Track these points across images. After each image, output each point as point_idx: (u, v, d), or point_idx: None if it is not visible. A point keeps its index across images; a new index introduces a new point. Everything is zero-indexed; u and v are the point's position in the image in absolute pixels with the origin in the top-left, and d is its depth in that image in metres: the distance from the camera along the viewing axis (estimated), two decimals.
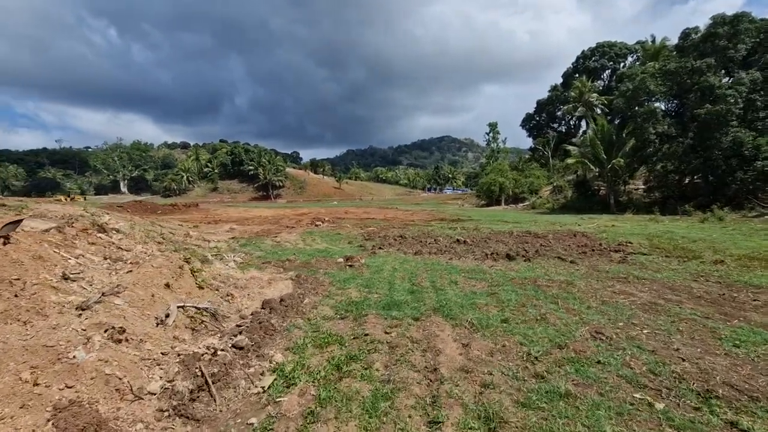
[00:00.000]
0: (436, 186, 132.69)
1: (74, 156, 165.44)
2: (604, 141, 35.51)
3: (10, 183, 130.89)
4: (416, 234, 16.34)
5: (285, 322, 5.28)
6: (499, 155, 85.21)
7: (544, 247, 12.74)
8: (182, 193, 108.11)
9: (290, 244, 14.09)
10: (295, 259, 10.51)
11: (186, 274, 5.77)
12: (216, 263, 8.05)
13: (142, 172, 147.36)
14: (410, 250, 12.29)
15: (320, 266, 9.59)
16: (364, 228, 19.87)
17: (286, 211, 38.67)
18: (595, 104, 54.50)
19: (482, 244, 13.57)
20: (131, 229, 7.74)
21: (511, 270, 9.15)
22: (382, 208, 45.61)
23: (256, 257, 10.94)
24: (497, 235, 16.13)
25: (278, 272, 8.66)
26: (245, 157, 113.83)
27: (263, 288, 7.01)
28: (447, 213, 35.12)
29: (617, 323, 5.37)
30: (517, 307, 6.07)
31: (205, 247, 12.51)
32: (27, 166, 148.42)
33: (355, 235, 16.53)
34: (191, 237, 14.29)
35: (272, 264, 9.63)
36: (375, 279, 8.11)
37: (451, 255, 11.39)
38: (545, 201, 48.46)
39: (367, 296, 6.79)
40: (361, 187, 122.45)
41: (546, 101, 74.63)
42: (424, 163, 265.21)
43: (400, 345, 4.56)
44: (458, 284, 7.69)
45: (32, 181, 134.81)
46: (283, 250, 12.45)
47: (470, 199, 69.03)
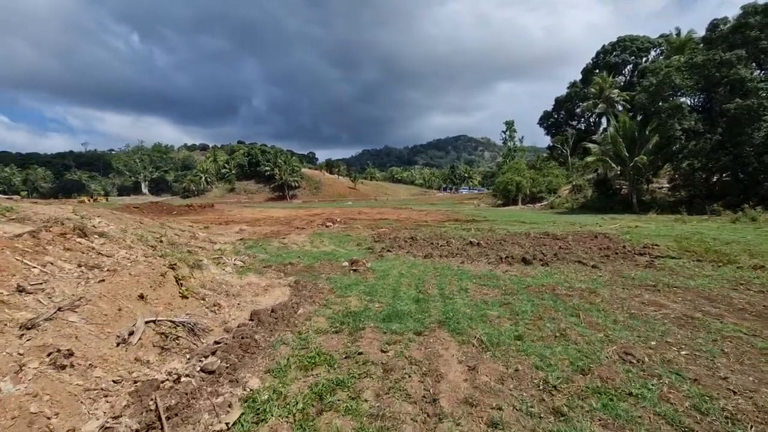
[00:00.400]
0: (451, 186, 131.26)
1: (99, 158, 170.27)
2: (626, 138, 34.11)
3: (39, 185, 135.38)
4: (428, 235, 15.71)
5: (272, 336, 4.77)
6: (516, 154, 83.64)
7: (563, 250, 11.97)
8: (201, 194, 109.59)
9: (297, 246, 13.66)
10: (298, 262, 10.04)
11: (169, 282, 5.34)
12: (212, 268, 7.63)
13: (162, 174, 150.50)
14: (420, 253, 11.69)
15: (323, 271, 9.08)
16: (375, 229, 19.34)
17: (300, 212, 38.47)
18: (616, 100, 52.72)
19: (497, 246, 12.87)
20: (122, 233, 7.39)
21: (527, 276, 8.46)
22: (396, 209, 45.03)
23: (259, 260, 10.52)
24: (513, 236, 15.37)
25: (278, 277, 8.19)
26: (262, 158, 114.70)
27: (257, 296, 6.54)
28: (462, 213, 34.32)
29: (649, 342, 4.67)
30: (532, 321, 5.42)
31: (210, 249, 12.18)
32: (55, 168, 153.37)
33: (365, 237, 16.01)
34: (197, 239, 14.00)
35: (273, 268, 9.17)
36: (379, 285, 7.55)
37: (463, 258, 10.75)
38: (564, 200, 47.08)
39: (367, 305, 6.23)
40: (376, 187, 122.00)
41: (564, 98, 72.78)
42: (440, 163, 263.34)
43: (397, 367, 3.99)
44: (469, 292, 7.06)
45: (59, 183, 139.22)
46: (288, 253, 12.01)
47: (486, 199, 67.83)
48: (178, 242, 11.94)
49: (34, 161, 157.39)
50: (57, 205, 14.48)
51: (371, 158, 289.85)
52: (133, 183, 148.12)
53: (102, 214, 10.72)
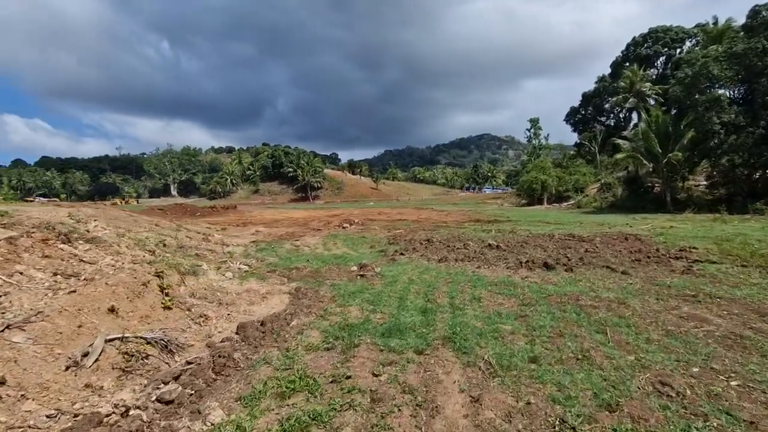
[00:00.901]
0: (474, 185, 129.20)
1: (131, 162, 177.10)
2: (659, 133, 32.29)
3: (77, 188, 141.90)
4: (445, 237, 15.06)
5: (255, 354, 4.33)
6: (541, 152, 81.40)
7: (589, 254, 11.12)
8: (226, 195, 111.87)
9: (309, 248, 13.30)
10: (305, 267, 9.63)
11: (151, 292, 4.99)
12: (210, 274, 7.31)
13: (191, 176, 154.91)
14: (435, 257, 11.08)
15: (329, 276, 8.62)
16: (391, 230, 18.83)
17: (319, 213, 38.36)
18: (647, 94, 50.33)
19: (517, 249, 12.12)
20: (117, 238, 7.15)
21: (549, 283, 7.75)
22: (417, 209, 44.36)
23: (267, 264, 10.18)
24: (536, 238, 14.54)
25: (280, 283, 7.79)
26: (285, 159, 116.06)
27: (253, 304, 6.15)
28: (484, 213, 33.36)
29: (690, 368, 3.96)
30: (551, 338, 4.76)
31: (220, 252, 11.96)
32: (91, 172, 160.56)
33: (380, 239, 15.52)
34: (210, 241, 13.85)
35: (277, 273, 8.78)
36: (385, 293, 7.02)
37: (479, 263, 10.08)
38: (592, 200, 45.24)
39: (368, 317, 5.71)
40: (398, 188, 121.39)
41: (592, 93, 70.31)
42: (463, 162, 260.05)
43: (387, 397, 3.45)
44: (482, 301, 6.44)
45: (95, 186, 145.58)
46: (298, 256, 11.65)
47: (510, 199, 66.14)
48: (188, 245, 11.77)
49: (72, 165, 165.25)
50: (67, 207, 14.67)
51: (393, 158, 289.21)
52: (163, 185, 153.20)
53: (101, 216, 10.63)
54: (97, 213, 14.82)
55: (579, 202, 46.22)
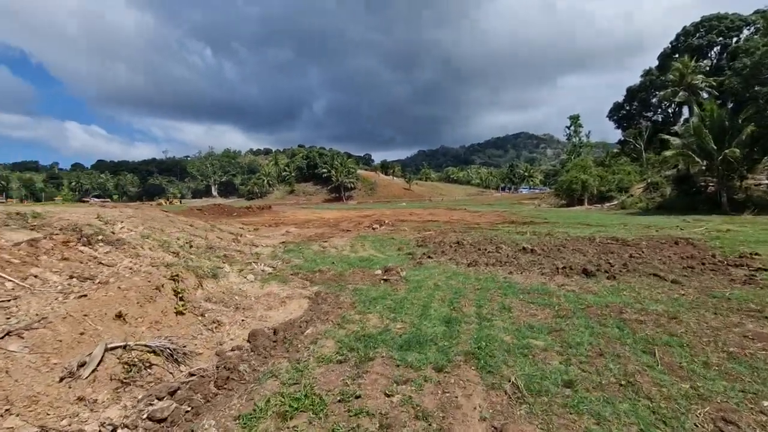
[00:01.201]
0: (510, 185, 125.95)
1: (176, 164, 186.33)
2: (714, 128, 29.94)
3: (127, 189, 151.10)
4: (476, 240, 14.46)
5: (264, 365, 4.09)
6: (581, 150, 78.04)
7: (635, 260, 10.25)
8: (263, 196, 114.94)
9: (336, 250, 13.12)
10: (328, 270, 9.40)
11: (165, 296, 4.89)
12: (231, 277, 7.22)
13: (230, 177, 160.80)
14: (464, 260, 10.58)
15: (352, 280, 8.35)
16: (421, 232, 18.40)
17: (351, 213, 38.42)
18: (700, 87, 46.97)
19: (554, 253, 11.38)
20: (141, 239, 7.20)
21: (588, 292, 7.10)
22: (449, 209, 43.57)
23: (292, 266, 10.05)
24: (574, 242, 13.67)
25: (302, 287, 7.59)
26: (319, 160, 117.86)
27: (270, 309, 5.95)
28: (519, 214, 32.19)
29: (759, 401, 3.34)
30: (590, 358, 4.22)
31: (248, 253, 12.00)
32: (140, 174, 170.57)
33: (409, 241, 15.13)
34: (239, 242, 13.98)
35: (300, 276, 8.60)
36: (408, 300, 6.65)
37: (512, 268, 9.49)
38: (637, 200, 42.73)
39: (388, 326, 5.36)
40: (431, 188, 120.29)
41: (638, 88, 66.73)
42: (498, 162, 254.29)
43: (397, 423, 3.08)
44: (512, 312, 5.93)
45: (144, 188, 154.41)
46: (324, 258, 11.47)
47: (548, 199, 63.76)
48: (218, 246, 11.88)
49: (123, 168, 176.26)
50: (111, 207, 15.30)
51: (427, 159, 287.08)
52: (205, 186, 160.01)
53: (137, 217, 10.88)
54: (135, 213, 15.34)
55: (623, 202, 43.77)
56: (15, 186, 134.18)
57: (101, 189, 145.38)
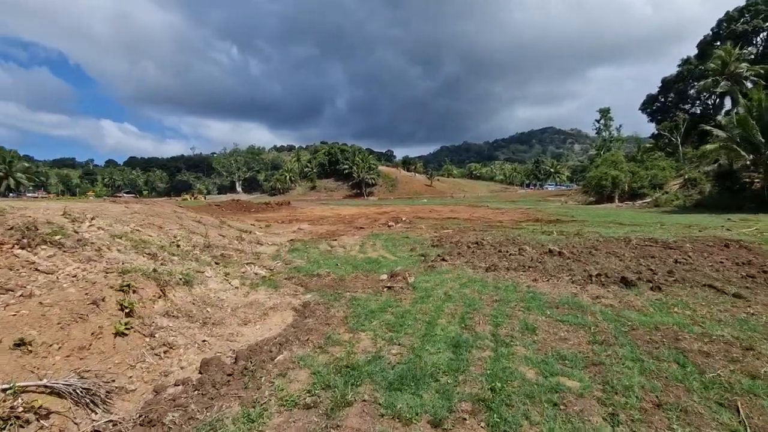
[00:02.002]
0: (536, 182, 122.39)
1: (203, 161, 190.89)
2: (762, 120, 27.47)
3: (156, 185, 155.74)
4: (498, 240, 13.26)
5: (208, 410, 3.16)
6: (612, 145, 74.66)
7: (681, 266, 8.89)
8: (286, 192, 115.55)
9: (344, 249, 12.21)
10: (328, 273, 8.47)
11: (104, 313, 4.02)
12: (212, 283, 6.37)
13: (254, 174, 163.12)
14: (482, 264, 9.46)
15: (352, 286, 7.39)
16: (439, 230, 17.30)
17: (369, 210, 37.55)
18: (744, 76, 43.67)
19: (585, 257, 10.10)
20: (111, 239, 6.42)
21: (630, 307, 5.90)
22: (471, 206, 42.12)
23: (291, 268, 9.19)
24: (608, 243, 12.29)
25: (293, 294, 6.70)
26: (341, 156, 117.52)
27: (246, 324, 5.07)
28: (545, 212, 30.52)
29: None
30: (645, 415, 3.09)
31: (249, 252, 11.23)
32: (169, 170, 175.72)
33: (425, 240, 14.08)
34: (244, 240, 13.26)
35: (294, 281, 7.70)
36: (412, 314, 5.64)
37: (537, 274, 8.32)
38: (673, 197, 40.16)
39: (381, 350, 4.38)
40: (453, 185, 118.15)
41: (674, 78, 63.22)
42: (523, 158, 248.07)
43: None
44: (537, 334, 4.84)
45: (172, 183, 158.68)
46: (329, 259, 10.58)
47: (576, 196, 61.16)
48: (217, 245, 11.17)
49: (153, 165, 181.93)
50: (123, 202, 14.89)
51: (449, 155, 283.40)
52: (230, 182, 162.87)
53: (133, 212, 10.26)
54: (141, 209, 14.86)
55: (657, 199, 41.21)
56: (54, 182, 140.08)
57: (132, 185, 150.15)
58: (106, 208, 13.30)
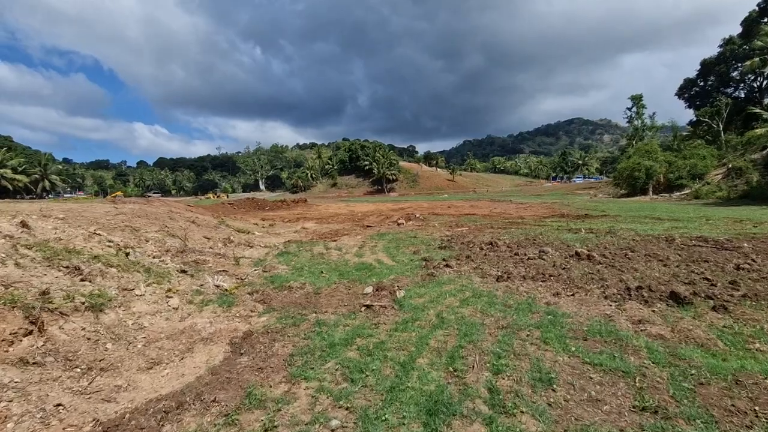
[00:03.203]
0: (563, 175, 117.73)
1: (229, 160, 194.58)
2: None
3: (184, 185, 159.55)
4: (515, 240, 11.61)
5: None
6: (645, 134, 70.33)
7: (745, 273, 7.07)
8: (307, 189, 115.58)
9: (339, 252, 10.87)
10: (304, 285, 7.10)
11: None
12: (139, 304, 5.06)
13: (277, 171, 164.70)
14: (494, 270, 7.91)
15: (326, 303, 5.99)
16: (452, 228, 15.74)
17: (386, 206, 36.15)
18: None
19: (620, 261, 8.37)
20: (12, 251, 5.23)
21: (689, 340, 4.27)
22: (493, 201, 40.08)
23: (266, 277, 7.88)
24: (646, 243, 10.46)
25: (245, 316, 5.37)
26: (361, 153, 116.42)
27: (152, 368, 3.71)
28: (572, 206, 28.32)
29: None
30: None
31: (231, 257, 10.04)
32: (196, 170, 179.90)
33: (433, 239, 12.58)
34: (231, 243, 12.12)
35: (256, 297, 6.34)
36: (385, 348, 4.22)
37: (560, 285, 6.72)
38: (715, 188, 36.98)
39: (316, 421, 3.00)
40: (476, 179, 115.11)
41: (715, 60, 58.85)
42: (549, 150, 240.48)
43: None
44: (555, 388, 3.32)
45: (199, 183, 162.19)
46: (316, 264, 9.26)
47: (605, 189, 57.82)
48: (196, 249, 10.03)
49: (181, 165, 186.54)
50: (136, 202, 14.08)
51: (472, 149, 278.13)
52: (254, 180, 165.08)
53: (118, 213, 9.24)
54: (130, 210, 13.99)
55: (697, 191, 38.03)
56: (89, 183, 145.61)
57: (161, 185, 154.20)
58: (87, 209, 12.47)
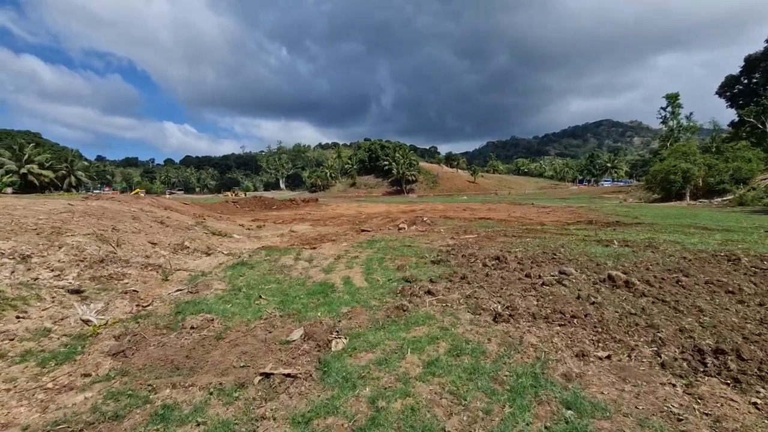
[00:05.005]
0: (590, 177, 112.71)
1: (252, 159, 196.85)
2: None
3: (208, 182, 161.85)
4: (530, 253, 9.31)
5: None
6: (680, 135, 65.64)
7: None
8: (326, 189, 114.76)
9: (307, 265, 8.86)
10: (211, 321, 4.98)
11: None
12: None
13: (298, 170, 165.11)
14: (492, 302, 5.73)
15: (211, 363, 3.90)
16: (459, 235, 13.52)
17: (398, 207, 34.06)
18: None
19: (671, 292, 6.03)
20: None
21: None
22: (513, 204, 37.37)
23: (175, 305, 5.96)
24: (702, 263, 8.00)
25: (66, 384, 3.42)
26: (381, 152, 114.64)
27: None
28: (600, 212, 25.46)
29: None
30: None
31: (167, 268, 8.20)
32: (220, 168, 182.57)
33: (432, 249, 10.43)
34: (183, 250, 10.30)
35: (120, 344, 4.27)
36: None
37: (586, 334, 4.50)
38: (762, 194, 33.22)
39: None
40: (498, 181, 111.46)
41: (761, 56, 54.27)
42: (576, 153, 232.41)
43: None
44: None
45: (222, 181, 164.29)
46: (265, 284, 7.27)
47: (636, 193, 53.96)
48: (126, 258, 8.22)
49: (206, 163, 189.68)
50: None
51: (496, 150, 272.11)
52: (276, 179, 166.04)
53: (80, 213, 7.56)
54: (88, 207, 12.46)
55: (741, 197, 34.29)
56: (118, 179, 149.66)
57: (186, 182, 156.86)
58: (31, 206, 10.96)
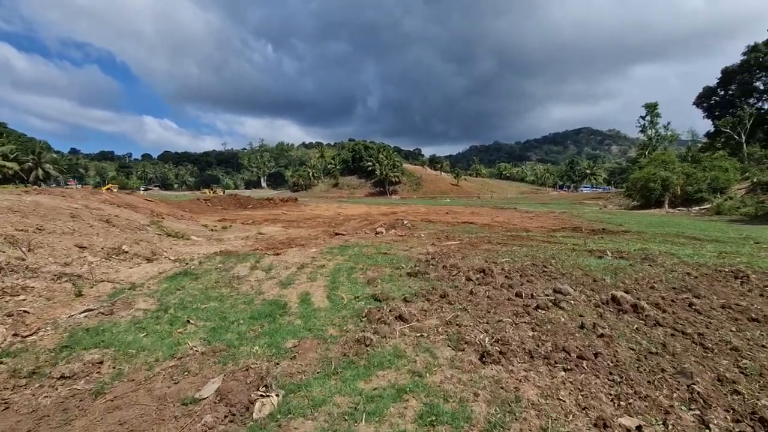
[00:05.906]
0: (570, 183, 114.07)
1: (234, 156, 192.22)
2: None
3: (186, 179, 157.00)
4: (519, 265, 8.32)
5: None
6: (658, 144, 66.61)
7: None
8: (308, 188, 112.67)
9: (263, 276, 7.64)
10: (99, 365, 3.81)
11: None
12: None
13: (281, 169, 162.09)
14: (478, 330, 4.67)
15: None
16: (440, 241, 12.48)
17: (379, 209, 32.96)
18: None
19: (686, 320, 5.08)
20: None
21: None
22: (496, 208, 36.73)
23: (61, 338, 4.75)
24: (711, 281, 7.13)
25: None
26: (365, 153, 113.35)
27: None
28: (583, 218, 24.93)
29: None
30: None
31: (87, 279, 6.87)
32: (200, 165, 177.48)
33: (409, 258, 9.34)
34: (123, 254, 8.93)
35: None
36: None
37: (600, 383, 3.46)
38: (738, 203, 33.48)
39: None
40: (481, 185, 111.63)
41: (737, 69, 55.46)
42: (557, 159, 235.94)
43: None
44: None
45: (201, 178, 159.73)
46: (205, 300, 6.05)
47: (616, 199, 54.29)
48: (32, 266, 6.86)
49: (186, 159, 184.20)
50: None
51: (479, 154, 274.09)
52: (257, 177, 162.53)
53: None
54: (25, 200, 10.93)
55: (719, 206, 34.48)
56: (92, 174, 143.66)
57: (163, 178, 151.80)
58: None
